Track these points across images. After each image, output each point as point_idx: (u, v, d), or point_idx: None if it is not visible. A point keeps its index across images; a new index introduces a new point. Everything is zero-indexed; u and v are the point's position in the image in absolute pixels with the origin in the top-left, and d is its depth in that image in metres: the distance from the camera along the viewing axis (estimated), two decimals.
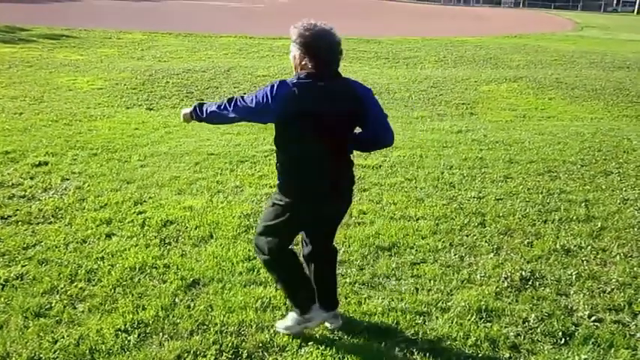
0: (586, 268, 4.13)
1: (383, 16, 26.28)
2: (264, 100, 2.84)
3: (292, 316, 3.25)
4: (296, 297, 3.21)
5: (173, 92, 10.29)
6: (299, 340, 3.20)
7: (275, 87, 2.83)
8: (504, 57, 16.30)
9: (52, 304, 3.46)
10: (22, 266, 3.89)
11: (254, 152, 6.54)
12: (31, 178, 5.50)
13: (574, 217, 4.98)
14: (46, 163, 5.93)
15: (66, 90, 10.00)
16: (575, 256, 4.31)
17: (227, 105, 2.98)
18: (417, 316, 3.46)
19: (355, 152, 3.25)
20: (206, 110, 3.08)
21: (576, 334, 3.36)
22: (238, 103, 2.95)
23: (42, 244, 4.21)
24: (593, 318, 3.52)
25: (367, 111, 2.99)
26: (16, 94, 9.43)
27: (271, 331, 3.28)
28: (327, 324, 3.32)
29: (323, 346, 3.16)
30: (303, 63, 2.87)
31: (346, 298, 3.62)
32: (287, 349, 3.14)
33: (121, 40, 16.39)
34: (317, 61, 2.84)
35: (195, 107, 3.14)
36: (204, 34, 17.97)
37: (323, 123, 2.88)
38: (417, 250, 4.30)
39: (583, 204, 5.28)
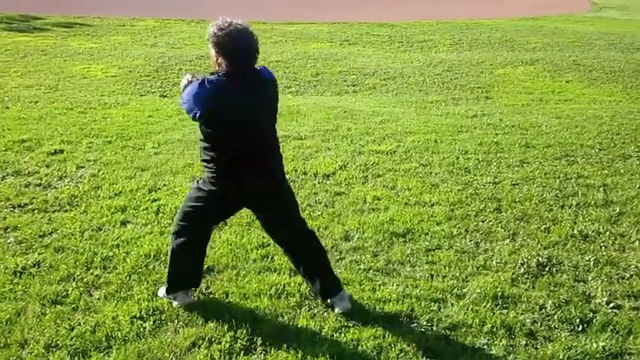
0: (604, 254, 4.07)
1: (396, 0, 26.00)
2: (188, 102, 2.98)
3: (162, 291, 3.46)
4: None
5: None
6: (313, 328, 3.20)
7: (194, 89, 2.96)
8: (521, 39, 16.04)
9: (69, 292, 3.49)
10: (39, 254, 3.93)
11: None
12: (47, 166, 5.54)
13: (592, 202, 4.90)
14: (62, 151, 5.96)
15: (80, 78, 10.04)
16: (593, 242, 4.24)
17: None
18: (432, 303, 3.44)
19: (369, 139, 3.23)
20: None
21: (594, 321, 3.31)
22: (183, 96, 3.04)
23: (58, 232, 4.25)
24: (611, 305, 3.48)
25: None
26: (31, 82, 9.49)
27: (286, 318, 3.29)
28: (335, 308, 3.31)
29: (337, 333, 3.16)
30: (219, 61, 2.96)
31: (360, 285, 3.61)
32: (301, 335, 3.14)
33: (134, 28, 16.39)
34: (232, 61, 2.92)
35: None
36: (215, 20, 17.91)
37: (245, 121, 3.01)
38: (431, 237, 4.27)
39: (601, 188, 5.20)
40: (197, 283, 3.48)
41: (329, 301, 3.35)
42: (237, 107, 2.99)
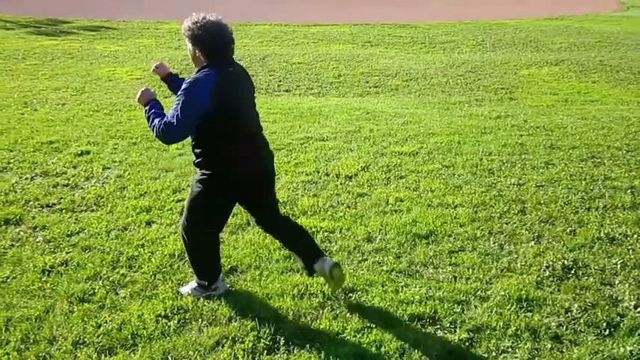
0: (632, 257, 4.00)
1: (419, 0, 25.85)
2: (196, 101, 2.97)
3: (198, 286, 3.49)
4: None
5: None
6: (336, 328, 3.21)
7: (197, 86, 3.00)
8: (545, 39, 15.84)
9: (96, 290, 3.56)
10: (67, 253, 4.01)
11: (290, 140, 6.55)
12: (74, 167, 5.65)
13: (619, 205, 4.82)
14: (88, 153, 6.07)
15: (106, 80, 10.21)
16: (621, 245, 4.17)
17: (164, 129, 3.04)
18: (456, 305, 3.42)
19: (391, 140, 3.24)
20: (151, 121, 3.15)
21: (621, 325, 3.26)
22: (173, 122, 3.00)
23: (85, 231, 4.33)
24: (639, 309, 3.41)
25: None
26: (58, 85, 9.68)
27: (308, 318, 3.30)
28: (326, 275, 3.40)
29: (360, 334, 3.16)
30: (197, 55, 3.06)
31: (383, 287, 3.60)
32: (324, 336, 3.14)
33: (158, 31, 16.61)
34: (210, 52, 3.04)
35: (148, 109, 3.23)
36: (239, 22, 18.04)
37: (245, 105, 3.20)
38: (455, 238, 4.24)
39: (629, 191, 5.10)
40: (220, 268, 3.57)
41: (315, 267, 3.42)
42: (237, 93, 3.13)
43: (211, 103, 2.98)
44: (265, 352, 3.03)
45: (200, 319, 3.28)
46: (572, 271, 3.81)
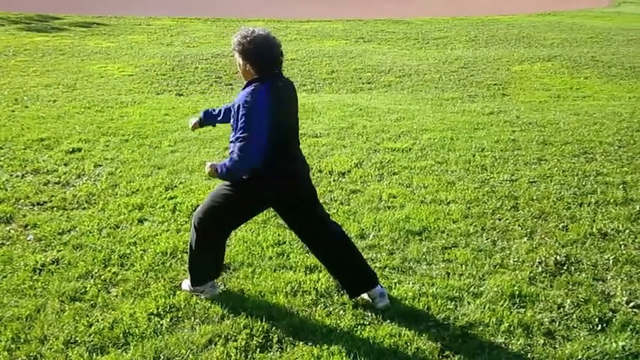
0: (624, 252, 4.02)
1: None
2: (262, 115, 2.94)
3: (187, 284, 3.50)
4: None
5: (202, 77, 10.33)
6: (329, 325, 3.20)
7: (258, 100, 2.95)
8: (538, 35, 15.86)
9: (87, 289, 3.53)
10: (58, 251, 3.98)
11: None
12: (65, 165, 5.61)
13: (611, 200, 4.83)
14: (80, 150, 6.03)
15: (98, 77, 10.14)
16: (613, 240, 4.19)
17: (241, 159, 2.96)
18: (449, 301, 3.42)
19: (385, 136, 3.22)
20: (222, 169, 3.06)
21: (614, 320, 3.27)
22: (250, 143, 2.93)
23: (76, 229, 4.30)
24: (631, 304, 3.43)
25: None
26: (49, 81, 9.60)
27: (301, 315, 3.29)
28: (374, 303, 3.34)
29: (353, 331, 3.16)
30: (247, 69, 3.04)
31: None
32: (317, 333, 3.14)
33: (150, 27, 16.50)
34: (260, 67, 3.03)
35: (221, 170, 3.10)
36: (232, 18, 17.96)
37: (290, 119, 3.16)
38: (448, 235, 4.25)
39: (621, 186, 5.12)
40: (219, 274, 3.55)
41: (366, 296, 3.36)
42: (286, 107, 3.12)
43: (270, 119, 2.96)
44: (258, 349, 3.02)
45: (192, 318, 3.26)
46: (565, 267, 3.82)
